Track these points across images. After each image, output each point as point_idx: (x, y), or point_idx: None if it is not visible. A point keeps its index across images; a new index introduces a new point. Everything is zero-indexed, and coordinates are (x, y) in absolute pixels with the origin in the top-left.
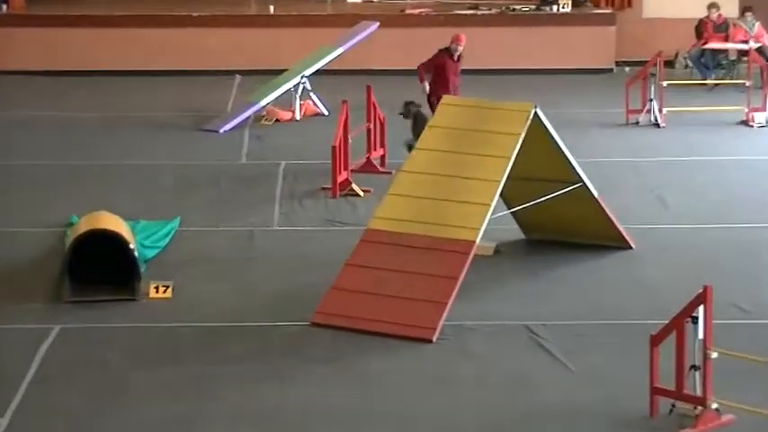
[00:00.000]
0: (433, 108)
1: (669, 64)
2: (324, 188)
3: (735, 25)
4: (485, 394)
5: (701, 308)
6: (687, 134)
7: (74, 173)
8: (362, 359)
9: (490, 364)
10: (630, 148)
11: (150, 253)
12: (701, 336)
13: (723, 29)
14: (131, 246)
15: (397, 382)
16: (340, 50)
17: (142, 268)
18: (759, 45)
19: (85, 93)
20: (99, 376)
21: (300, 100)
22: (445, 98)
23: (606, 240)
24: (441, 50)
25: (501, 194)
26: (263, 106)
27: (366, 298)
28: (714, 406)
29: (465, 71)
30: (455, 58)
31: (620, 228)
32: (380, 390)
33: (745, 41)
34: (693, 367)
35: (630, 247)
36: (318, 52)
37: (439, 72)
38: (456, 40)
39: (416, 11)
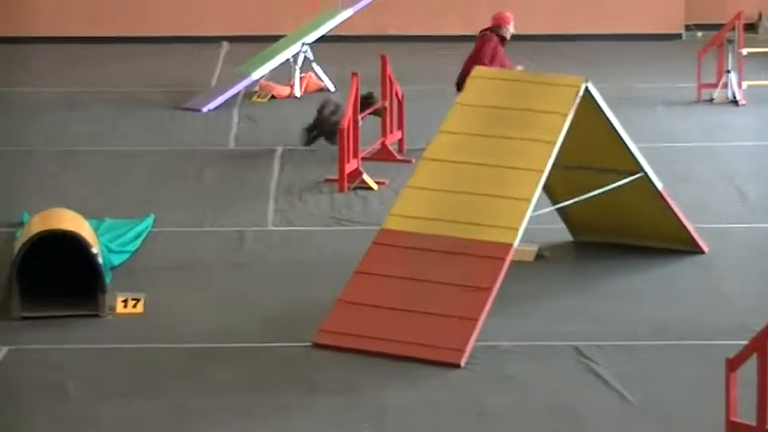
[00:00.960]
0: None
1: (751, 27)
2: (329, 180)
3: None
4: (525, 430)
5: None
6: None
7: (26, 160)
8: (377, 388)
9: (531, 394)
10: (703, 130)
11: (118, 259)
12: None
13: None
14: (94, 250)
15: (418, 416)
16: (349, 13)
17: (108, 277)
18: None
19: (45, 63)
20: (55, 409)
21: (301, 72)
22: (477, 70)
23: (673, 243)
24: (488, 34)
25: (544, 187)
26: (256, 80)
27: (380, 313)
28: None
29: None
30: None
31: (690, 228)
32: (399, 426)
33: None
34: None
35: (703, 252)
36: (322, 15)
37: (494, 62)
38: (503, 20)
39: None
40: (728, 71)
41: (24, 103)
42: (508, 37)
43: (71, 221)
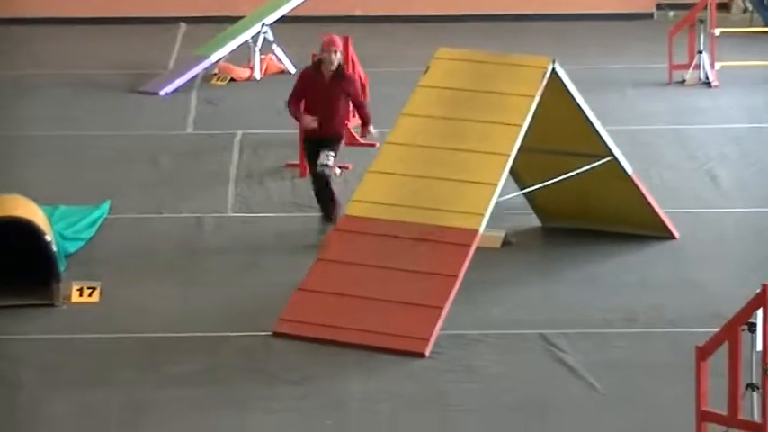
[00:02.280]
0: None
1: (723, 7)
2: (290, 164)
3: None
4: (491, 422)
5: (759, 312)
6: (745, 95)
7: None
8: (338, 379)
9: (497, 384)
10: (674, 112)
11: (72, 246)
12: (759, 347)
13: None
14: (48, 237)
15: (381, 407)
16: None
17: (62, 266)
18: None
19: None
20: (8, 400)
21: (261, 54)
22: (440, 51)
23: (643, 229)
24: (348, 76)
25: (511, 171)
26: (215, 62)
27: (342, 302)
28: None
29: (465, 17)
30: (327, 72)
31: (661, 213)
32: (361, 417)
33: None
34: (750, 386)
35: (674, 237)
36: None
37: (306, 98)
38: (324, 45)
39: None
40: (701, 52)
41: None
42: (328, 67)
43: (23, 208)
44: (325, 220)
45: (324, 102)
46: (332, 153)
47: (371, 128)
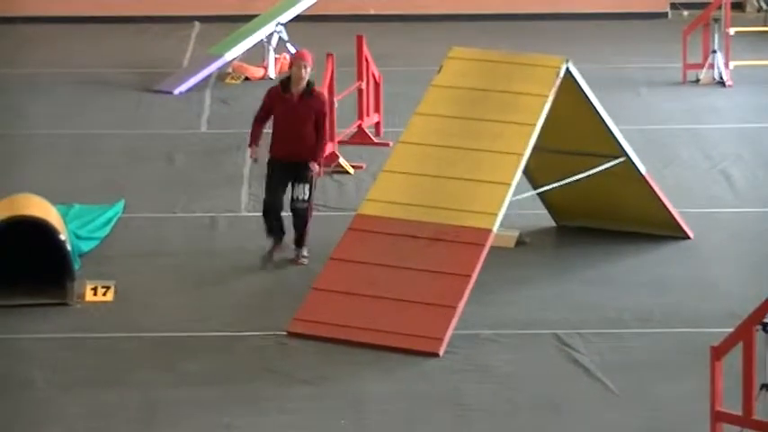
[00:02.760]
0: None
1: (738, 6)
2: None
3: None
4: (505, 421)
5: None
6: (759, 95)
7: None
8: (352, 379)
9: (511, 384)
10: (688, 111)
11: (87, 245)
12: None
13: None
14: (62, 237)
15: (396, 407)
16: None
17: (76, 265)
18: None
19: (9, 43)
20: (22, 400)
21: (275, 53)
22: (453, 50)
23: (657, 228)
24: (317, 94)
25: (525, 172)
26: (229, 61)
27: (356, 301)
28: None
29: (479, 17)
30: (296, 90)
31: (675, 213)
32: (375, 417)
33: None
34: (765, 386)
35: (688, 237)
36: None
37: (274, 119)
38: (293, 60)
39: None
40: (715, 51)
41: None
42: (294, 87)
43: (38, 207)
44: (295, 244)
45: (293, 122)
46: (308, 186)
47: (317, 166)
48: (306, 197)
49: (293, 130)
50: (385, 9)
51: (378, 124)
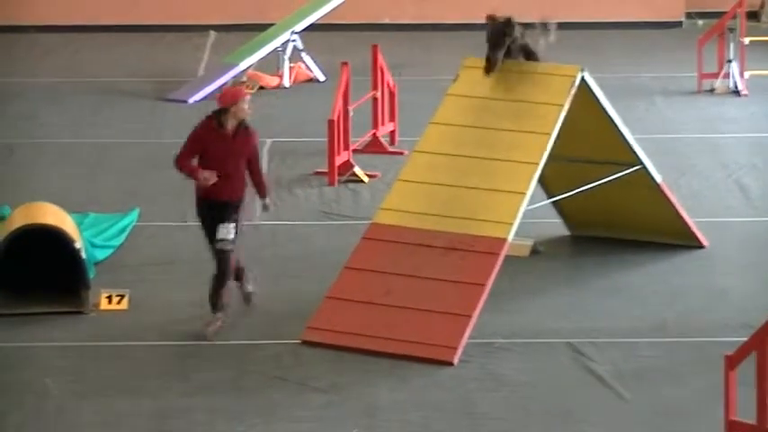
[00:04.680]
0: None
1: (753, 16)
2: (319, 173)
3: None
4: (518, 430)
5: None
6: None
7: (6, 152)
8: (366, 388)
9: (525, 393)
10: (704, 121)
11: (102, 254)
12: None
13: None
14: (77, 245)
15: (410, 416)
16: (339, 0)
17: (91, 273)
18: None
19: (24, 52)
20: (36, 408)
21: (290, 62)
22: (469, 59)
23: (671, 237)
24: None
25: (540, 180)
26: (244, 70)
27: (370, 310)
28: None
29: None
30: (231, 124)
31: (690, 222)
32: (389, 426)
33: None
34: None
35: (702, 246)
36: (312, 3)
37: (205, 155)
38: (221, 99)
39: None
40: (730, 60)
41: (0, 93)
42: (227, 124)
43: (53, 216)
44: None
45: (228, 160)
46: (232, 225)
47: (269, 200)
48: (230, 237)
49: (228, 167)
50: (400, 18)
51: (392, 133)
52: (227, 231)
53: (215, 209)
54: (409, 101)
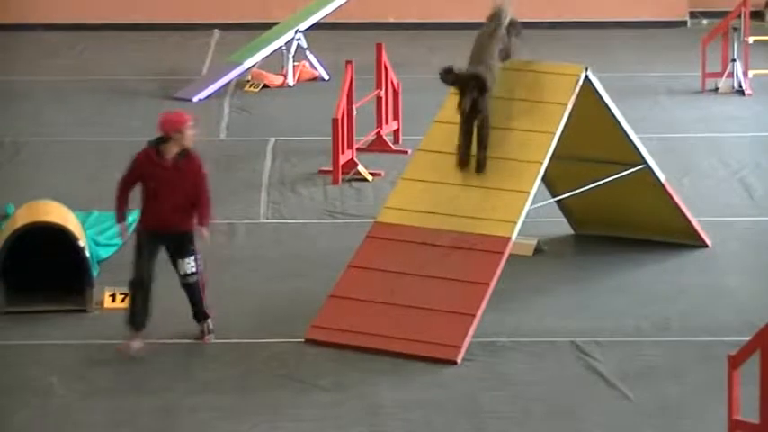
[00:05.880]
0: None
1: (757, 15)
2: (323, 171)
3: None
4: (522, 429)
5: None
6: None
7: (11, 151)
8: (370, 386)
9: (529, 391)
10: (707, 120)
11: (105, 252)
12: None
13: None
14: (81, 243)
15: (413, 415)
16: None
17: (94, 271)
18: None
19: (30, 51)
20: (40, 407)
21: (294, 61)
22: None
23: (675, 237)
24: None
25: (544, 179)
26: (248, 69)
27: (374, 309)
28: None
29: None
30: (170, 153)
31: (693, 221)
32: (393, 425)
33: None
34: None
35: (706, 246)
36: (317, 2)
37: (146, 185)
38: (162, 125)
39: None
40: (734, 60)
41: (6, 92)
42: (167, 152)
43: (57, 214)
44: (195, 319)
45: (169, 190)
46: (193, 257)
47: (205, 232)
48: (194, 270)
49: (169, 198)
50: (404, 17)
51: (396, 132)
52: (188, 266)
53: (158, 241)
54: (413, 100)
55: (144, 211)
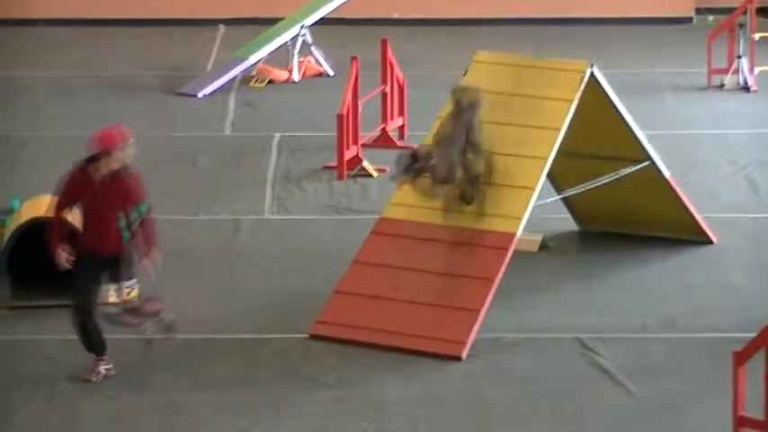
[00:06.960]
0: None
1: (763, 11)
2: (328, 167)
3: None
4: (526, 425)
5: None
6: None
7: (16, 146)
8: (375, 382)
9: (534, 388)
10: (713, 116)
11: None
12: None
13: None
14: None
15: (418, 411)
16: None
17: None
18: None
19: (34, 47)
20: (42, 402)
21: (299, 56)
22: (478, 55)
23: (680, 233)
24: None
25: (549, 176)
26: (253, 64)
27: (379, 304)
28: None
29: (503, 21)
30: (97, 173)
31: (699, 217)
32: (397, 421)
33: None
34: None
35: (711, 242)
36: None
37: (80, 206)
38: (93, 143)
39: None
40: (740, 56)
41: (9, 87)
42: (101, 170)
43: None
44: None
45: (97, 211)
46: (130, 283)
47: (149, 263)
48: (116, 300)
49: (97, 220)
50: (409, 13)
51: (402, 128)
52: (125, 291)
53: (95, 263)
54: (418, 96)
55: (82, 231)
